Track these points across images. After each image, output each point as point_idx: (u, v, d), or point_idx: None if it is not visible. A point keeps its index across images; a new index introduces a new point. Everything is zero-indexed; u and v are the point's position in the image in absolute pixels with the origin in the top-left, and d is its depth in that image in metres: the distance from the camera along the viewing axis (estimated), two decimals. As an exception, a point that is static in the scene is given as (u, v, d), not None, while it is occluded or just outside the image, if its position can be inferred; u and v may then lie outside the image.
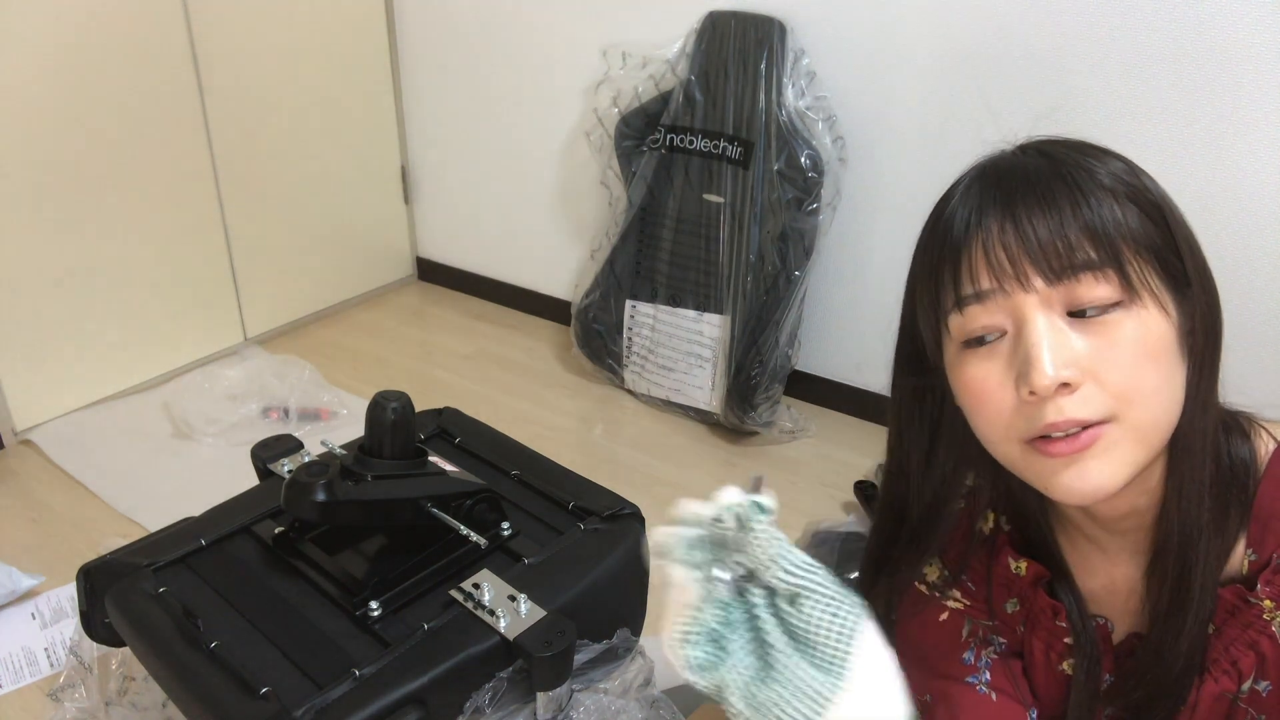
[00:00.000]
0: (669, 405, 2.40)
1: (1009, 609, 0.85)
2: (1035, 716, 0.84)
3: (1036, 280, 0.67)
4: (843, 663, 0.59)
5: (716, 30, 2.17)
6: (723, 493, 0.63)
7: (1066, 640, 0.82)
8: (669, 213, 2.30)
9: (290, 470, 1.23)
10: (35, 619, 1.74)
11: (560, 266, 2.80)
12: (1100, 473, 0.67)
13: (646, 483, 2.13)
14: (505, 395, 2.51)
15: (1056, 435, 0.67)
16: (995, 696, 0.84)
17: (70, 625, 1.72)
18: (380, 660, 0.97)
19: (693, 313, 2.31)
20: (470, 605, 1.03)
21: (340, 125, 2.81)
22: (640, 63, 2.34)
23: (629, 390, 2.48)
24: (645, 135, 2.31)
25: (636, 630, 1.15)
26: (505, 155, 2.79)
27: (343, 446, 1.16)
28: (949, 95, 2.01)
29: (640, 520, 1.21)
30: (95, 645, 1.16)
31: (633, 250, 2.38)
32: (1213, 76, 1.72)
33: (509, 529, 1.16)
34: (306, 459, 1.22)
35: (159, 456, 2.22)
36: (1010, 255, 0.67)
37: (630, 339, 2.43)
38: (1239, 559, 0.74)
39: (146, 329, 2.47)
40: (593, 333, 2.48)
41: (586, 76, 2.49)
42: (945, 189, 0.75)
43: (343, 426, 2.32)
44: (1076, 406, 0.66)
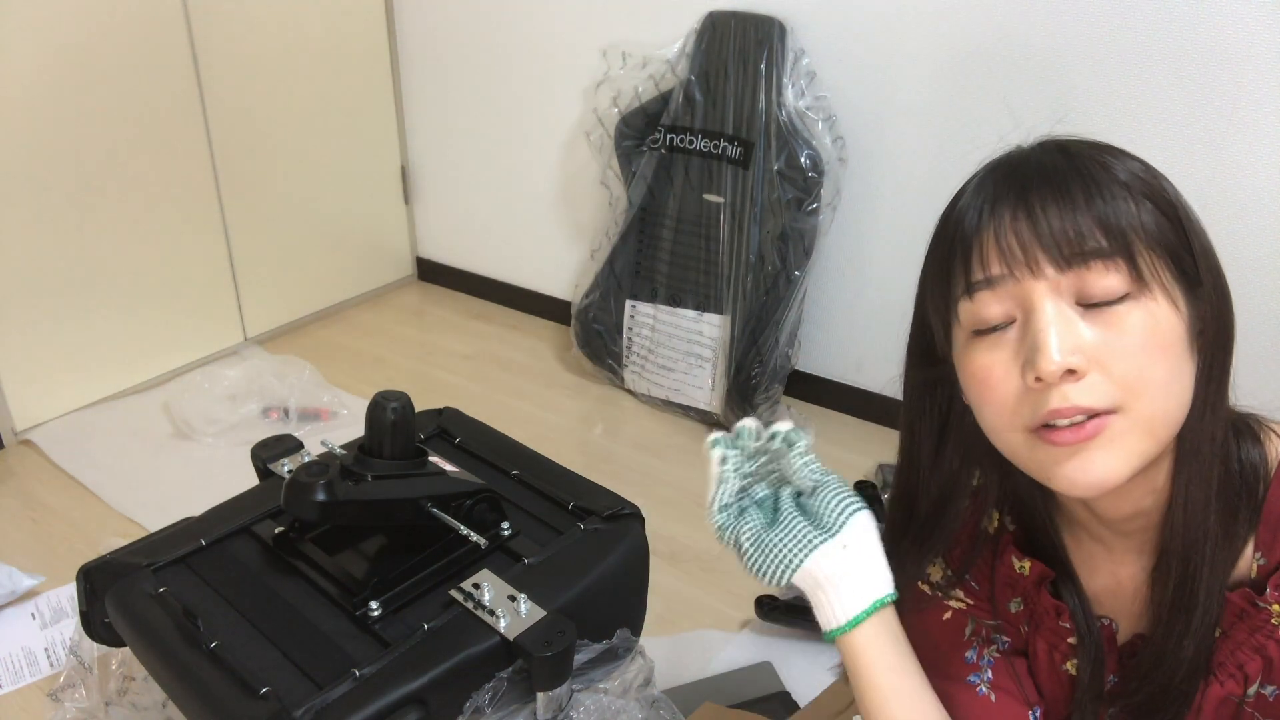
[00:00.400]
0: (669, 405, 2.40)
1: (1013, 609, 0.85)
2: (1039, 716, 0.84)
3: (1047, 267, 0.66)
4: (836, 527, 0.76)
5: (716, 30, 2.17)
6: (778, 423, 0.80)
7: (1070, 640, 0.81)
8: (669, 213, 2.30)
9: (290, 470, 1.23)
10: (35, 619, 1.74)
11: (560, 266, 2.80)
12: (1104, 464, 0.67)
13: (646, 483, 2.13)
14: (505, 395, 2.51)
15: (1061, 424, 0.66)
16: (996, 697, 0.84)
17: (70, 625, 1.72)
18: (380, 660, 0.97)
19: (693, 313, 2.31)
20: (470, 605, 1.03)
21: (340, 125, 2.81)
22: (640, 63, 2.34)
23: (629, 390, 2.48)
24: (645, 135, 2.31)
25: (636, 630, 1.15)
26: (505, 155, 2.79)
27: (343, 446, 1.16)
28: (949, 95, 2.01)
29: (640, 520, 1.21)
30: (95, 645, 1.16)
31: (633, 250, 2.38)
32: (1213, 76, 1.72)
33: (509, 529, 1.16)
34: (306, 459, 1.22)
35: (159, 456, 2.22)
36: (1022, 241, 0.67)
37: (630, 339, 2.43)
38: (1248, 562, 0.73)
39: (146, 329, 2.47)
40: (593, 333, 2.48)
41: (586, 76, 2.49)
42: (950, 187, 0.75)
43: (343, 426, 2.32)
44: (1082, 394, 0.65)
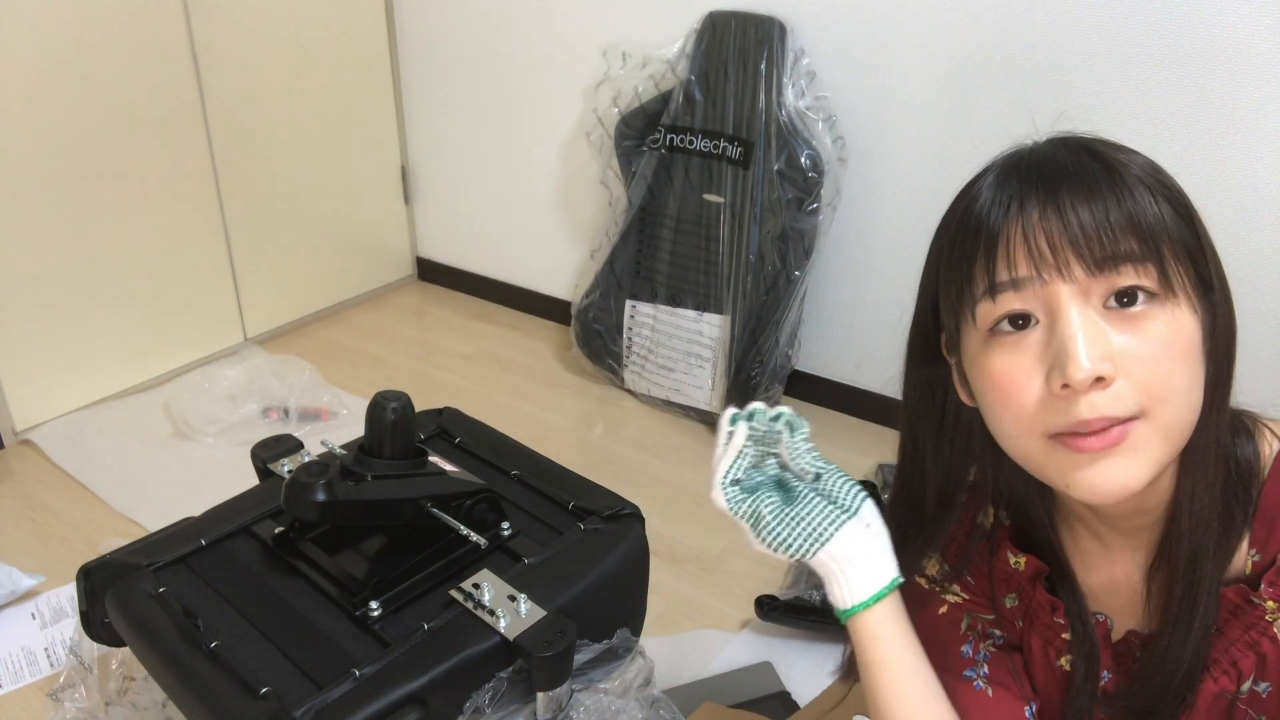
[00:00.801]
0: (669, 405, 2.40)
1: (1008, 604, 0.85)
2: (1035, 711, 0.84)
3: (1077, 269, 0.65)
4: (855, 507, 0.77)
5: (716, 30, 2.17)
6: (781, 406, 0.82)
7: (1065, 636, 0.82)
8: (669, 213, 2.30)
9: (290, 470, 1.23)
10: (35, 619, 1.74)
11: (560, 266, 2.80)
12: (1125, 471, 0.66)
13: (646, 483, 2.13)
14: (505, 395, 2.51)
15: (1084, 430, 0.66)
16: (993, 691, 0.84)
17: (70, 625, 1.72)
18: (380, 660, 0.97)
19: (693, 313, 2.31)
20: (470, 605, 1.03)
21: (340, 125, 2.81)
22: (640, 63, 2.34)
23: (629, 390, 2.48)
24: (645, 135, 2.30)
25: (636, 630, 1.15)
26: (505, 155, 2.79)
27: (343, 446, 1.16)
28: (949, 95, 2.01)
29: (640, 520, 1.21)
30: (95, 645, 1.16)
31: (633, 250, 2.38)
32: (1213, 76, 1.72)
33: (509, 529, 1.16)
34: (306, 459, 1.22)
35: (159, 456, 2.22)
36: (1052, 243, 0.65)
37: (630, 339, 2.43)
38: (1242, 559, 0.73)
39: (146, 329, 2.47)
40: (593, 333, 2.48)
41: (586, 76, 2.49)
42: (950, 187, 0.75)
43: (343, 426, 2.32)
44: (1109, 402, 0.64)
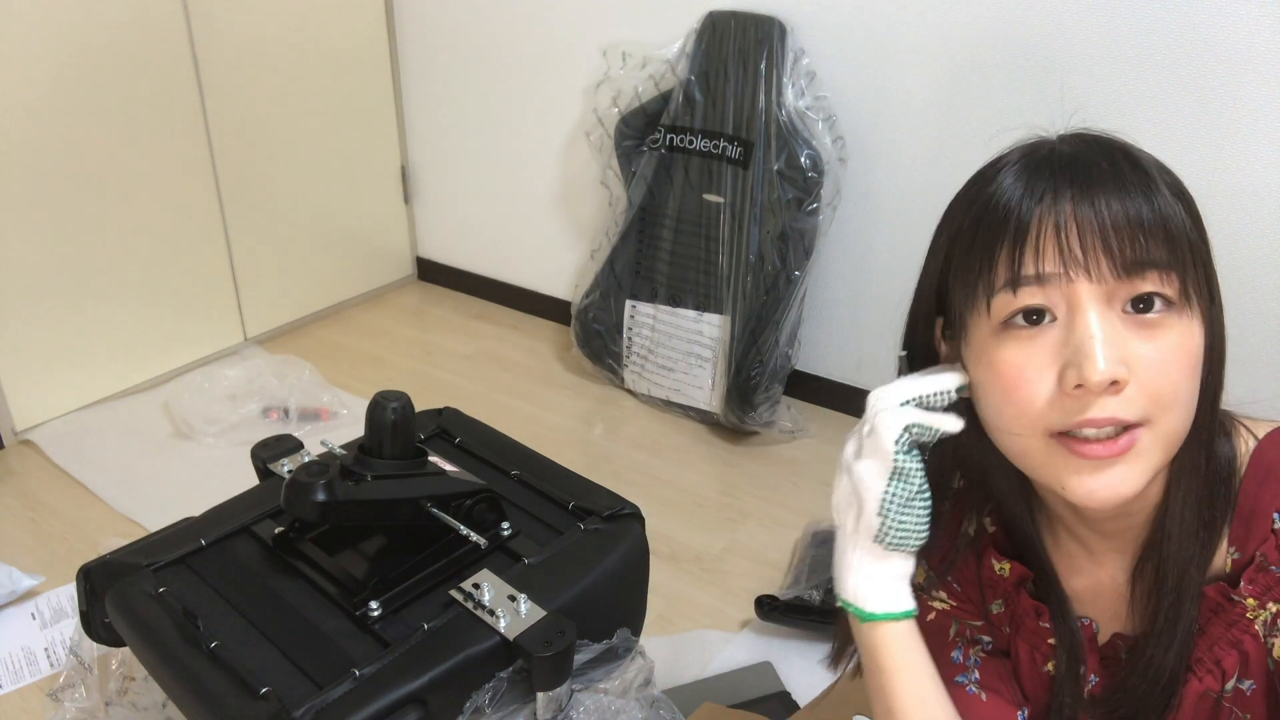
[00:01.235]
0: (669, 405, 2.40)
1: (994, 610, 0.86)
2: (1026, 716, 0.84)
3: (1106, 271, 0.65)
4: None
5: (716, 30, 2.17)
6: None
7: (1050, 641, 0.82)
8: (669, 213, 2.30)
9: (290, 470, 1.23)
10: (35, 619, 1.74)
11: (560, 266, 2.80)
12: (1124, 479, 0.66)
13: (646, 483, 2.13)
14: (505, 395, 2.51)
15: (1089, 434, 0.66)
16: (986, 696, 0.84)
17: (70, 625, 1.72)
18: (380, 660, 0.97)
19: (693, 313, 2.31)
20: (470, 605, 1.03)
21: (340, 125, 2.81)
22: (640, 63, 2.34)
23: (629, 390, 2.48)
24: (645, 135, 2.30)
25: (636, 630, 1.15)
26: (505, 155, 2.79)
27: (343, 446, 1.16)
28: (949, 95, 2.01)
29: (640, 520, 1.21)
30: (95, 645, 1.16)
31: (633, 250, 2.38)
32: (1213, 76, 1.72)
33: (509, 529, 1.16)
34: (306, 459, 1.22)
35: (159, 456, 2.22)
36: (1084, 243, 0.65)
37: (630, 339, 2.43)
38: (1222, 557, 0.74)
39: (146, 329, 2.47)
40: (593, 333, 2.48)
41: (586, 76, 2.49)
42: (950, 187, 0.75)
43: (343, 426, 2.32)
44: (1120, 406, 0.65)
